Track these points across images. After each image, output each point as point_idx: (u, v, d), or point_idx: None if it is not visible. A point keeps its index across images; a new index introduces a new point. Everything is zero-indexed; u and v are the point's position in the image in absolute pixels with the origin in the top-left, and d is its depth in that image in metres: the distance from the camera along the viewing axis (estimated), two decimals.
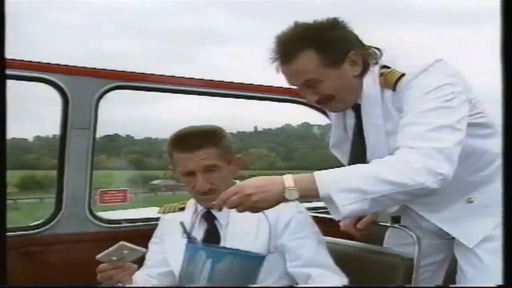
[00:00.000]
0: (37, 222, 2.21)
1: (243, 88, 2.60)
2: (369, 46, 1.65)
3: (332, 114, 1.83)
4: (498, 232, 1.60)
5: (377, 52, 1.65)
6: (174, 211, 1.93)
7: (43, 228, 2.18)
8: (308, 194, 1.40)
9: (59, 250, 2.20)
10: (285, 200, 1.38)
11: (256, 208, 1.40)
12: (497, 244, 1.65)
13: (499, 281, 1.62)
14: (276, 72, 1.62)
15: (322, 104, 1.70)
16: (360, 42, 1.63)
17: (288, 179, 1.38)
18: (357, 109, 1.70)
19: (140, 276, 1.82)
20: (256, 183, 1.40)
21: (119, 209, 2.74)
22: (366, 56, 1.62)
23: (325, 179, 1.39)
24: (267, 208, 1.42)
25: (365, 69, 1.62)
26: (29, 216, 2.37)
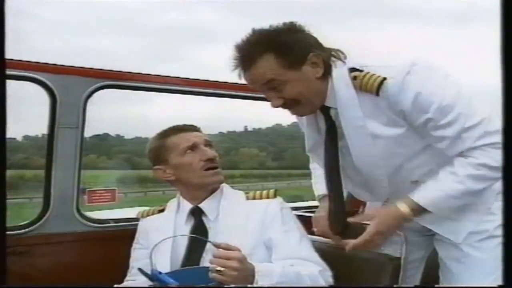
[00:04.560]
0: (24, 222, 2.19)
1: (233, 88, 2.59)
2: (331, 48, 1.66)
3: (304, 118, 1.83)
4: (482, 227, 1.72)
5: (340, 53, 1.65)
6: (153, 214, 1.93)
7: (30, 228, 2.17)
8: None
9: (46, 249, 2.18)
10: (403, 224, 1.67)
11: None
12: (481, 238, 1.71)
13: (484, 274, 1.69)
14: (238, 78, 1.65)
15: (288, 109, 1.70)
16: (320, 44, 1.63)
17: (405, 209, 1.62)
18: (326, 111, 1.71)
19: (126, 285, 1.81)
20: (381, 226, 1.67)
21: (112, 209, 2.73)
22: (327, 58, 1.63)
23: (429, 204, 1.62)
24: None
25: (326, 71, 1.63)
26: (18, 216, 2.35)
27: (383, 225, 1.66)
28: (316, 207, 2.10)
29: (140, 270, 1.57)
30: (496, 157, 1.53)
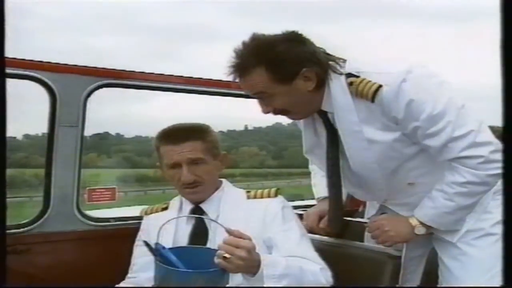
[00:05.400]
0: (24, 221, 2.19)
1: (233, 87, 2.58)
2: (331, 58, 1.67)
3: (301, 121, 1.85)
4: (478, 225, 1.75)
5: (340, 63, 1.66)
6: (157, 212, 1.94)
7: (30, 227, 2.17)
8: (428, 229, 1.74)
9: (46, 248, 2.19)
10: (414, 235, 1.72)
11: (391, 241, 1.74)
12: (478, 236, 1.75)
13: (482, 272, 1.71)
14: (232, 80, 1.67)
15: (279, 115, 1.73)
16: (317, 58, 1.63)
17: (414, 220, 1.71)
18: (324, 116, 1.72)
19: (126, 284, 1.81)
20: (391, 222, 1.76)
21: (113, 207, 2.73)
22: (322, 72, 1.64)
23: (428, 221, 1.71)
24: (400, 242, 1.76)
25: (320, 83, 1.64)
26: (18, 214, 2.35)
27: (393, 221, 1.77)
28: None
29: (145, 242, 1.58)
30: (480, 174, 1.59)
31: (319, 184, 1.99)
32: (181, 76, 2.51)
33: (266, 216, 1.75)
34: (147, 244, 1.56)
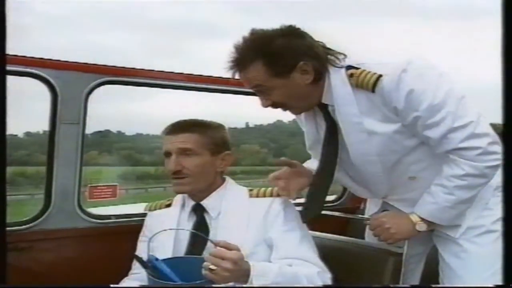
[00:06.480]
0: (26, 218, 2.19)
1: (235, 84, 2.58)
2: (331, 52, 1.67)
3: (302, 117, 1.85)
4: (479, 222, 1.76)
5: (339, 57, 1.67)
6: (160, 208, 1.94)
7: (32, 224, 2.17)
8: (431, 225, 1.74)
9: (48, 245, 2.19)
10: (416, 232, 1.71)
11: (393, 238, 1.72)
12: (478, 233, 1.75)
13: (482, 269, 1.72)
14: (232, 77, 1.69)
15: (279, 108, 1.73)
16: (315, 52, 1.64)
17: (415, 217, 1.71)
18: (325, 109, 1.72)
19: (129, 280, 1.82)
20: (392, 219, 1.74)
21: (118, 204, 2.74)
22: (320, 66, 1.65)
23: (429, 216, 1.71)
24: (402, 239, 1.75)
25: (318, 77, 1.65)
26: (20, 212, 2.36)
27: (394, 218, 1.75)
28: None
29: (136, 256, 1.58)
30: (478, 166, 1.59)
31: (311, 162, 1.94)
32: (183, 74, 2.51)
33: (268, 216, 1.74)
34: (137, 258, 1.56)
